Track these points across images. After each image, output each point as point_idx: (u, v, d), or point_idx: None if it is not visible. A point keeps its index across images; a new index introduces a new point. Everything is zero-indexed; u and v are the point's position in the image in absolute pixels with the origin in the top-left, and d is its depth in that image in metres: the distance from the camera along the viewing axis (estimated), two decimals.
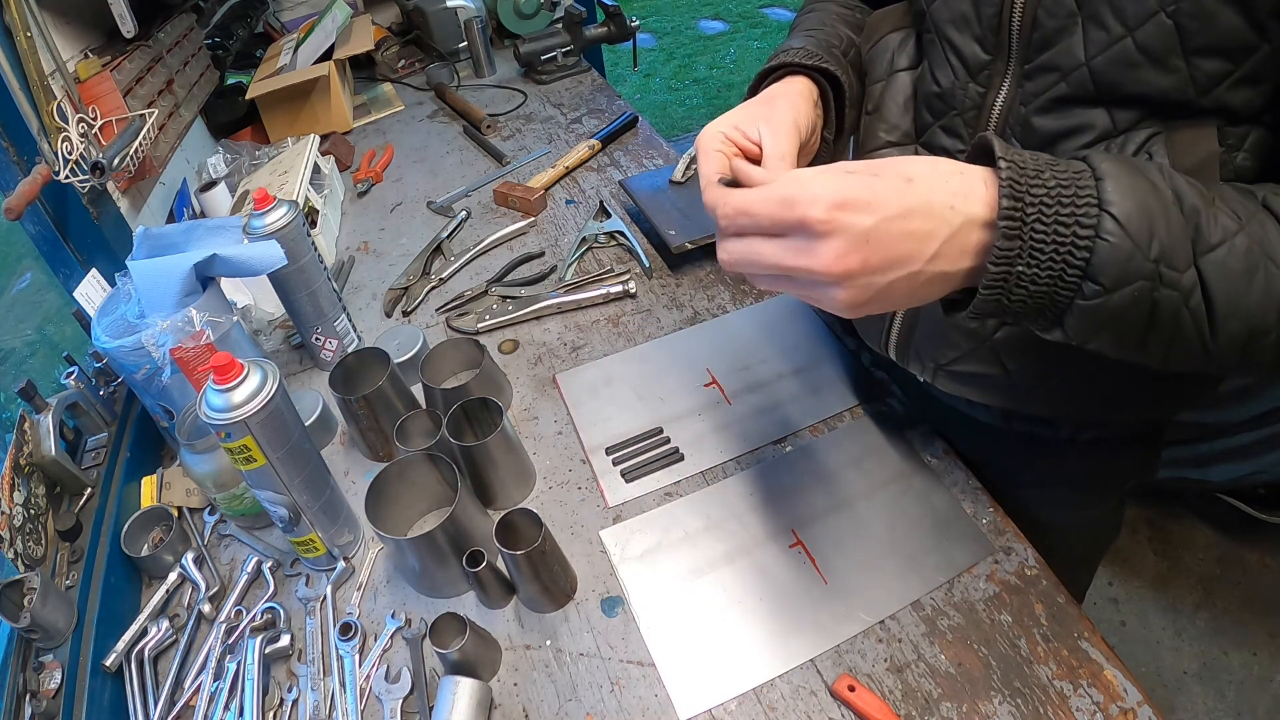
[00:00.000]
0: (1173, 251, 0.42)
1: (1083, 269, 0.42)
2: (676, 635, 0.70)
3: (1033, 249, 0.42)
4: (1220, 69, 0.50)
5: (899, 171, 0.44)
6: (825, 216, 0.42)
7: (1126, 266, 0.41)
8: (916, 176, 0.44)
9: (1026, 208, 0.42)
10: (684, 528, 0.78)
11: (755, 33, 4.66)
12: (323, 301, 0.96)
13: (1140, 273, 0.42)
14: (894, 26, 0.72)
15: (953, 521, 0.75)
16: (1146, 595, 1.70)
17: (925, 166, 0.45)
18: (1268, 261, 0.42)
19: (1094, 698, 0.62)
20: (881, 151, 0.72)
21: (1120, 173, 0.43)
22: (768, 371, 0.94)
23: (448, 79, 1.75)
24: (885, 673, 0.65)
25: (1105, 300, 0.43)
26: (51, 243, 1.00)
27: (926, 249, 0.43)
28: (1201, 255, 0.43)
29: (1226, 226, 0.43)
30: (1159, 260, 0.42)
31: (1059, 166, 0.43)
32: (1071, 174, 0.43)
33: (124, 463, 0.91)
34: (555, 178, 1.35)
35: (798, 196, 0.43)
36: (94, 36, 1.22)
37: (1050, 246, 0.42)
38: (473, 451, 0.78)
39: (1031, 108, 0.59)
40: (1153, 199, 0.42)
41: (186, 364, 0.77)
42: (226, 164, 1.41)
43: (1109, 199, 0.42)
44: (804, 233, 0.43)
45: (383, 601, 0.77)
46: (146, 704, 0.71)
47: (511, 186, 1.30)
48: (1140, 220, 0.42)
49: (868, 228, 0.42)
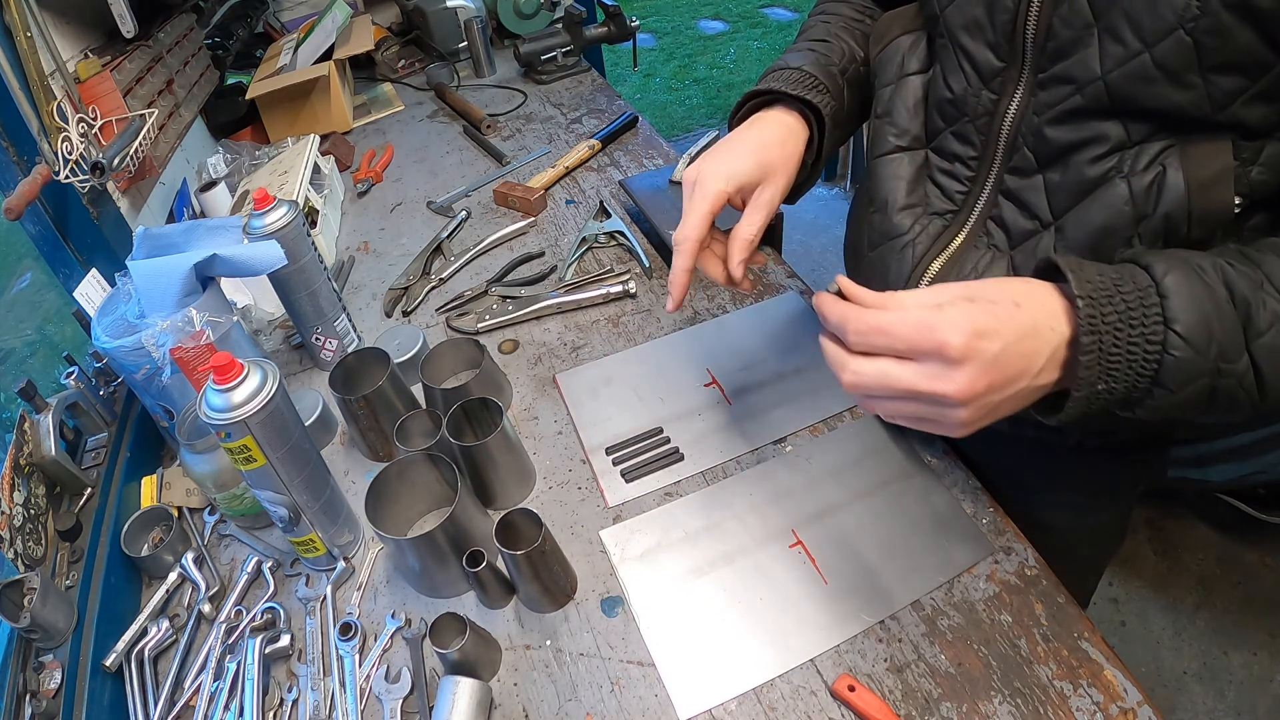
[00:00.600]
0: (1228, 347, 0.46)
1: (1152, 378, 0.47)
2: (676, 635, 0.70)
3: (1109, 370, 0.47)
4: (1237, 85, 0.50)
5: (1008, 297, 0.48)
6: (964, 343, 0.46)
7: (1190, 371, 0.46)
8: (1023, 300, 0.48)
9: (1103, 336, 0.47)
10: (684, 528, 0.78)
11: (755, 33, 4.66)
12: (323, 301, 0.96)
13: (1201, 372, 0.47)
14: (904, 29, 0.71)
15: (953, 521, 0.75)
16: (1146, 595, 1.70)
17: (1025, 288, 0.49)
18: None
19: (1094, 698, 0.62)
20: (891, 156, 0.72)
21: (1181, 286, 0.47)
22: (768, 371, 0.94)
23: (448, 79, 1.75)
24: (885, 673, 0.65)
25: (1171, 398, 0.48)
26: (51, 243, 1.00)
27: (1035, 366, 0.48)
28: (1253, 341, 0.47)
29: (1275, 310, 0.47)
30: (1218, 359, 0.46)
31: (1126, 288, 0.47)
32: (1138, 294, 0.47)
33: (124, 463, 0.91)
34: (555, 178, 1.35)
35: (937, 323, 0.46)
36: (94, 36, 1.22)
37: (1124, 365, 0.47)
38: (473, 451, 0.78)
39: (1045, 118, 0.59)
40: (1210, 305, 0.46)
41: (186, 364, 0.77)
42: (226, 164, 1.41)
43: (1173, 316, 0.46)
44: (939, 358, 0.46)
45: (383, 601, 0.77)
46: (146, 704, 0.71)
47: (511, 186, 1.30)
48: (1201, 330, 0.46)
49: (996, 352, 0.46)
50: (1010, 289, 0.49)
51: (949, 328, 0.46)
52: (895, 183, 0.71)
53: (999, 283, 0.50)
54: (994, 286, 0.49)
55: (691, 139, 1.66)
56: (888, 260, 0.72)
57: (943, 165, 0.69)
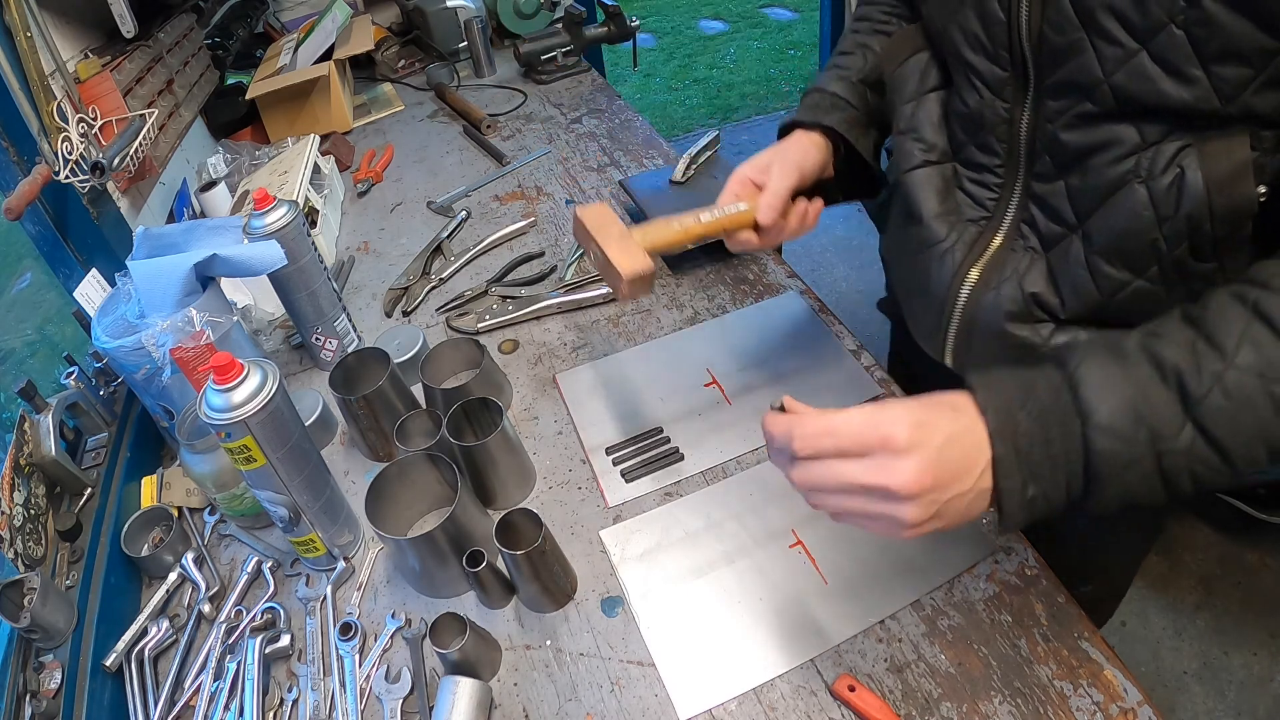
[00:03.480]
0: (1163, 425, 0.44)
1: (1084, 473, 0.45)
2: (676, 635, 0.70)
3: (1034, 474, 0.46)
4: (1242, 75, 0.49)
5: (945, 402, 0.49)
6: (909, 434, 0.46)
7: (1121, 460, 0.44)
8: (959, 405, 0.48)
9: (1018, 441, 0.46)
10: (684, 528, 0.78)
11: (755, 33, 4.66)
12: (323, 301, 0.96)
13: (1136, 458, 0.45)
14: (915, 49, 0.73)
15: None
16: (1146, 595, 1.70)
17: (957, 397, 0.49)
18: (1268, 385, 0.43)
19: (1094, 698, 0.62)
20: (919, 170, 0.73)
21: (1094, 375, 0.46)
22: (768, 371, 0.94)
23: (448, 79, 1.75)
24: (885, 673, 0.65)
25: (1113, 490, 0.46)
26: (51, 243, 1.00)
27: (976, 466, 0.47)
28: (1194, 408, 0.44)
29: (1213, 370, 0.44)
30: (1152, 441, 0.44)
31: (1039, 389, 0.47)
32: (1051, 392, 0.46)
33: (124, 463, 0.91)
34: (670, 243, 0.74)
35: (882, 418, 0.47)
36: (94, 36, 1.22)
37: (1048, 467, 0.46)
38: (473, 451, 0.78)
39: (1058, 124, 0.60)
40: (1132, 386, 0.45)
41: (186, 364, 0.77)
42: (226, 164, 1.41)
43: (1090, 409, 0.45)
44: (886, 450, 0.46)
45: (383, 601, 0.77)
46: (146, 704, 0.71)
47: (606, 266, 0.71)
48: (1124, 415, 0.44)
49: (940, 444, 0.46)
50: (945, 397, 0.49)
51: (893, 421, 0.46)
52: (927, 194, 0.73)
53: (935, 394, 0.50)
54: (931, 396, 0.50)
55: (691, 139, 1.66)
56: (929, 268, 0.74)
57: (971, 175, 0.70)
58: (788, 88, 3.98)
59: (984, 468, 0.47)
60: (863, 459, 0.47)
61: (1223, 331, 0.45)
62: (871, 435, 0.47)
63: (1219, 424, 0.44)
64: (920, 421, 0.46)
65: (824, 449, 0.48)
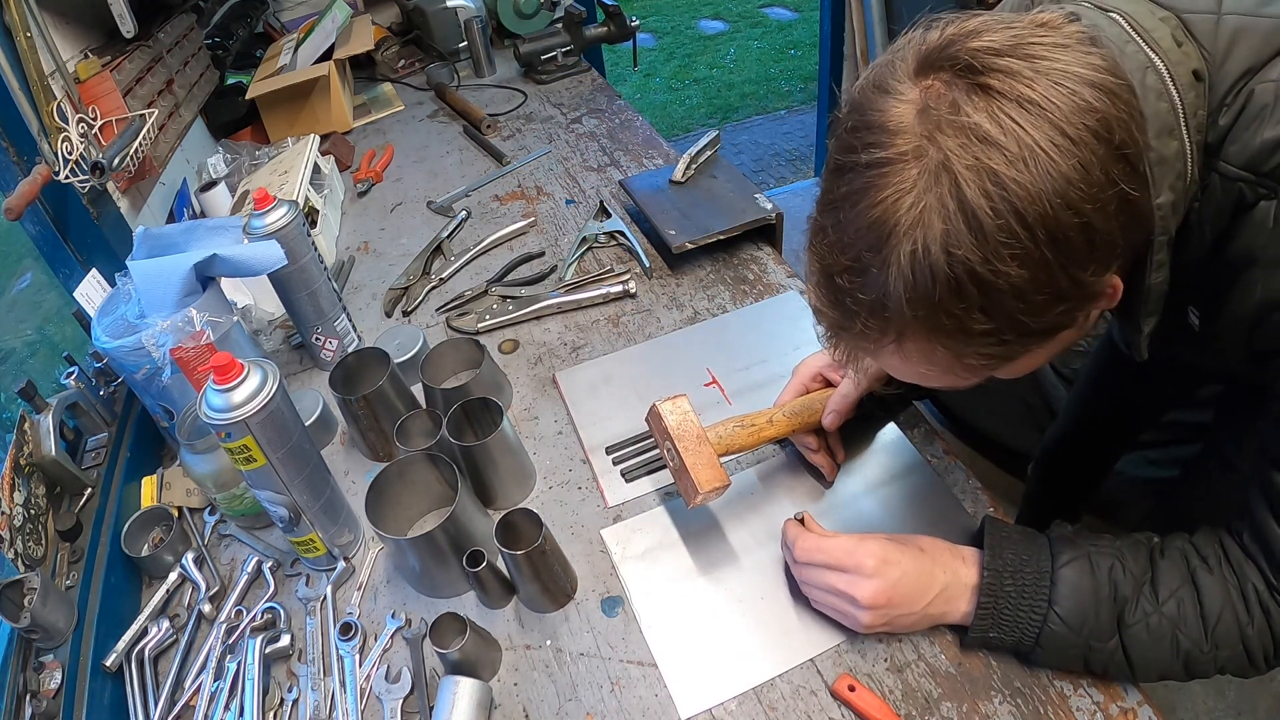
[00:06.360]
0: (1100, 631, 0.59)
1: (1035, 640, 0.61)
2: (676, 635, 0.70)
3: (1000, 623, 0.62)
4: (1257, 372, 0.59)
5: (915, 544, 0.65)
6: (875, 565, 0.63)
7: (1064, 642, 0.60)
8: (927, 548, 0.65)
9: (998, 598, 0.61)
10: (684, 527, 0.78)
11: (755, 33, 4.66)
12: (323, 301, 0.96)
13: (1075, 645, 0.60)
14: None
15: (953, 520, 0.75)
16: None
17: (930, 542, 0.66)
18: (1176, 632, 0.58)
19: (1094, 697, 0.62)
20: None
21: (1070, 578, 0.60)
22: (768, 371, 0.94)
23: (448, 79, 1.75)
24: (885, 672, 0.65)
25: (1051, 657, 0.62)
26: (51, 243, 1.00)
27: (925, 597, 0.63)
28: (1125, 630, 0.59)
29: (1145, 610, 0.59)
30: (1089, 638, 0.59)
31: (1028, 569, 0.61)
32: (1035, 575, 0.61)
33: (124, 463, 0.91)
34: (742, 449, 0.77)
35: (858, 550, 0.64)
36: (94, 36, 1.22)
37: (1012, 624, 0.61)
38: (473, 451, 0.78)
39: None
40: (1090, 598, 0.59)
41: (186, 364, 0.77)
42: (226, 164, 1.41)
43: (1057, 600, 0.60)
44: (858, 572, 0.63)
45: (383, 601, 0.77)
46: (146, 704, 0.71)
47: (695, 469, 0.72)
48: (1077, 615, 0.59)
49: (897, 577, 0.63)
50: (919, 539, 0.66)
51: (866, 552, 0.64)
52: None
53: (913, 535, 0.66)
54: (908, 536, 0.66)
55: (691, 139, 1.66)
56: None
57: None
58: (788, 87, 3.98)
59: (935, 598, 0.63)
60: (841, 573, 0.64)
61: (1163, 584, 0.59)
62: (848, 559, 0.64)
63: (1135, 648, 0.59)
64: (886, 558, 0.63)
65: (815, 560, 0.66)
